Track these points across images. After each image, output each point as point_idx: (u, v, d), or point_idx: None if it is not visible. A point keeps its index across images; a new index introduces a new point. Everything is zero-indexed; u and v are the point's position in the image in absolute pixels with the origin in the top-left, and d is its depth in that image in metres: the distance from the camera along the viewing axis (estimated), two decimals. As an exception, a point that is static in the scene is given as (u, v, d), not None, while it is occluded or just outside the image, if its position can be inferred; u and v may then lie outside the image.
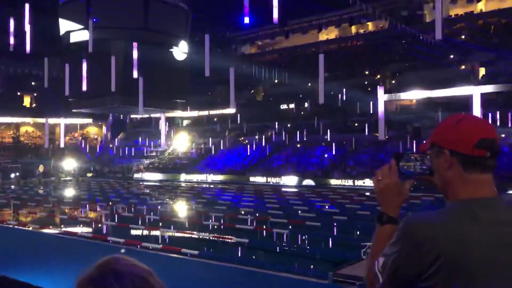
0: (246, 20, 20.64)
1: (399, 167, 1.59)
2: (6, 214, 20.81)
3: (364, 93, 41.85)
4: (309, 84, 46.85)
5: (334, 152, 38.47)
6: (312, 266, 11.17)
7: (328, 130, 40.05)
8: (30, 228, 16.37)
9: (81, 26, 40.00)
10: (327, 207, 23.21)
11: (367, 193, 28.17)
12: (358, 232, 15.73)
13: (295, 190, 32.08)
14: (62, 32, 43.24)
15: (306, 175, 35.91)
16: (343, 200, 25.06)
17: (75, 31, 41.35)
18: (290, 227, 16.27)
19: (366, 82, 43.92)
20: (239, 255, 12.50)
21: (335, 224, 16.89)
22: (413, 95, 37.99)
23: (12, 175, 40.62)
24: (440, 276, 1.31)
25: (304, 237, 14.91)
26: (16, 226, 16.71)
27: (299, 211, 20.78)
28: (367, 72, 45.48)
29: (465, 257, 1.30)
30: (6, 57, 41.72)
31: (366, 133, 38.67)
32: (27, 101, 58.25)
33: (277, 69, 51.77)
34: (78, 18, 39.42)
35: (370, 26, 49.82)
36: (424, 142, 1.59)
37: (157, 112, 50.78)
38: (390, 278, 1.39)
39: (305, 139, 41.48)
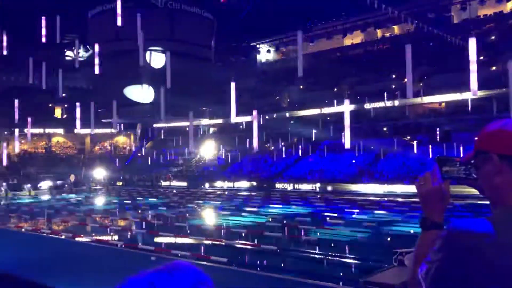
0: None
1: (442, 172, 1.55)
2: (40, 223, 21.33)
3: (391, 97, 41.40)
4: (335, 89, 46.57)
5: (362, 158, 38.04)
6: (342, 274, 11.03)
7: (356, 136, 39.71)
8: (63, 237, 16.72)
9: (110, 38, 40.98)
10: (356, 213, 22.91)
11: (397, 199, 27.73)
12: (388, 238, 15.47)
13: (323, 196, 31.81)
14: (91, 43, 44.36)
15: (333, 181, 35.60)
16: (372, 206, 24.71)
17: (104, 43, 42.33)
18: (318, 234, 16.13)
19: (393, 86, 43.36)
20: (268, 262, 12.44)
21: (364, 230, 16.64)
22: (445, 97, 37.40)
23: (44, 185, 41.45)
24: None
25: (333, 244, 14.75)
26: (49, 235, 17.10)
27: (328, 218, 20.59)
28: (394, 76, 44.90)
29: None
30: (38, 70, 43.01)
31: (395, 138, 38.10)
32: (58, 112, 59.82)
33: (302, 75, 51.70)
34: (107, 29, 40.36)
35: (396, 29, 49.26)
36: (468, 153, 1.54)
37: (184, 121, 51.36)
38: (432, 286, 1.34)
39: (332, 144, 41.16)
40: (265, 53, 56.02)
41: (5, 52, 38.55)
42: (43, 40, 33.86)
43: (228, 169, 44.62)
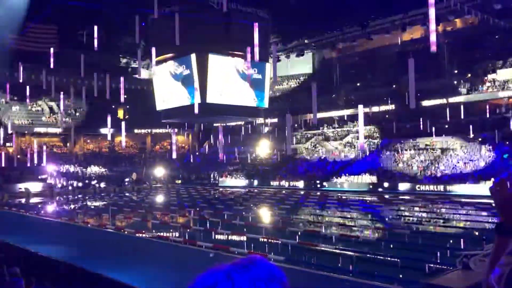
0: None
1: None
2: (104, 219, 22.36)
3: (453, 93, 39.80)
4: (394, 86, 45.35)
5: (423, 156, 36.76)
6: (401, 276, 10.74)
7: (416, 133, 38.50)
8: (125, 232, 17.44)
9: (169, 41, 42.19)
10: (416, 213, 22.22)
11: (460, 199, 26.58)
12: (451, 240, 14.87)
13: (381, 195, 31.05)
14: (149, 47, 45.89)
15: (392, 181, 34.65)
16: (433, 206, 23.85)
17: (162, 44, 43.53)
18: (376, 234, 15.80)
19: (455, 82, 41.54)
20: (326, 262, 12.33)
21: (425, 231, 16.10)
22: None
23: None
24: None
25: (392, 245, 14.39)
26: (113, 231, 17.89)
27: (386, 218, 20.11)
28: (456, 71, 42.99)
29: None
30: (102, 73, 45.01)
31: (457, 135, 36.54)
32: (120, 113, 62.32)
33: (359, 72, 50.82)
34: (164, 32, 41.52)
35: (459, 22, 47.07)
36: None
37: (240, 120, 51.88)
38: None
39: (390, 142, 40.11)
40: (321, 50, 55.39)
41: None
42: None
43: (283, 167, 44.59)
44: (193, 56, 42.56)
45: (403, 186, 33.22)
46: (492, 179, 25.36)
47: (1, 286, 6.03)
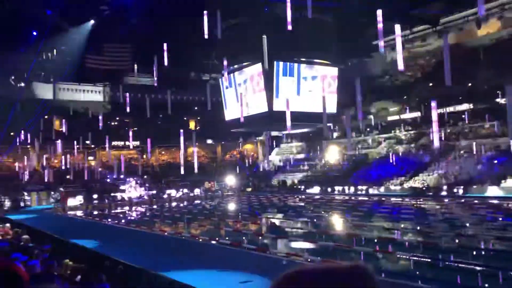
0: None
1: None
2: (180, 227, 23.12)
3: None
4: (470, 85, 43.07)
5: (503, 159, 34.39)
6: None
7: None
8: (200, 240, 17.91)
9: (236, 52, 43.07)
10: (500, 219, 20.82)
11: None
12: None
13: (461, 201, 29.38)
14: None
15: (473, 184, 32.71)
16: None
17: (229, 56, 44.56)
18: (456, 240, 15.00)
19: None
20: (402, 270, 11.91)
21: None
22: None
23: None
24: None
25: (482, 253, 13.58)
26: (189, 238, 18.44)
27: (468, 224, 19.03)
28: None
29: None
30: (173, 86, 46.98)
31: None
32: (192, 124, 64.39)
33: (431, 72, 48.77)
34: (231, 44, 42.45)
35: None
36: None
37: (308, 127, 51.55)
38: None
39: (468, 144, 37.96)
40: (389, 52, 53.81)
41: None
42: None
43: (354, 173, 43.53)
44: (259, 65, 43.04)
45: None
46: None
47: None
